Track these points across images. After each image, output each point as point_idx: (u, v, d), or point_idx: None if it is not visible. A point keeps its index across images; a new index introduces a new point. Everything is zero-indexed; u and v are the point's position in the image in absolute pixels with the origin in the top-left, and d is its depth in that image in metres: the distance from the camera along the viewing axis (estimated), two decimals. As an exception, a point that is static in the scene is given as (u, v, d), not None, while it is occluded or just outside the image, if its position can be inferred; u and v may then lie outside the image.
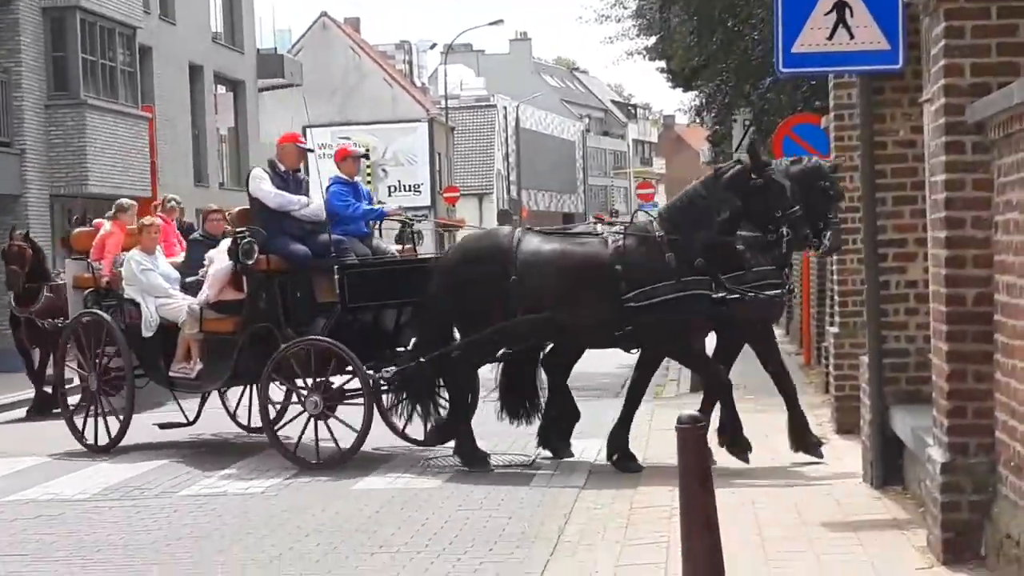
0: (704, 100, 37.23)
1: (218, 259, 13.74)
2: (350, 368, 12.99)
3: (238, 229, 13.36)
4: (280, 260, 13.24)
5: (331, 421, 12.95)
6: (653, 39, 32.81)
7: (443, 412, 13.11)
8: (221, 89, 40.20)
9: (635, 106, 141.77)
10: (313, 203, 13.57)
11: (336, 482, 12.02)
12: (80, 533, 10.32)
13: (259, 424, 14.11)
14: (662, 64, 37.05)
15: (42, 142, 28.39)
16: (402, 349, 13.39)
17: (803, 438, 11.91)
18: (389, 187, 70.75)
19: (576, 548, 8.80)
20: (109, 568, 9.16)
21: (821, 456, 11.73)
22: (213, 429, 15.68)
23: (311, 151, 14.59)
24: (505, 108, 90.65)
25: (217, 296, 13.69)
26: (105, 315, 14.55)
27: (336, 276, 13.06)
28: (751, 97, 29.43)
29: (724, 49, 26.82)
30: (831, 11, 10.00)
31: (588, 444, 13.40)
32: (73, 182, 28.83)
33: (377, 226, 14.64)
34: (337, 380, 13.45)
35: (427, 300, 12.79)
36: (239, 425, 15.59)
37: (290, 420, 13.39)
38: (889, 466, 9.95)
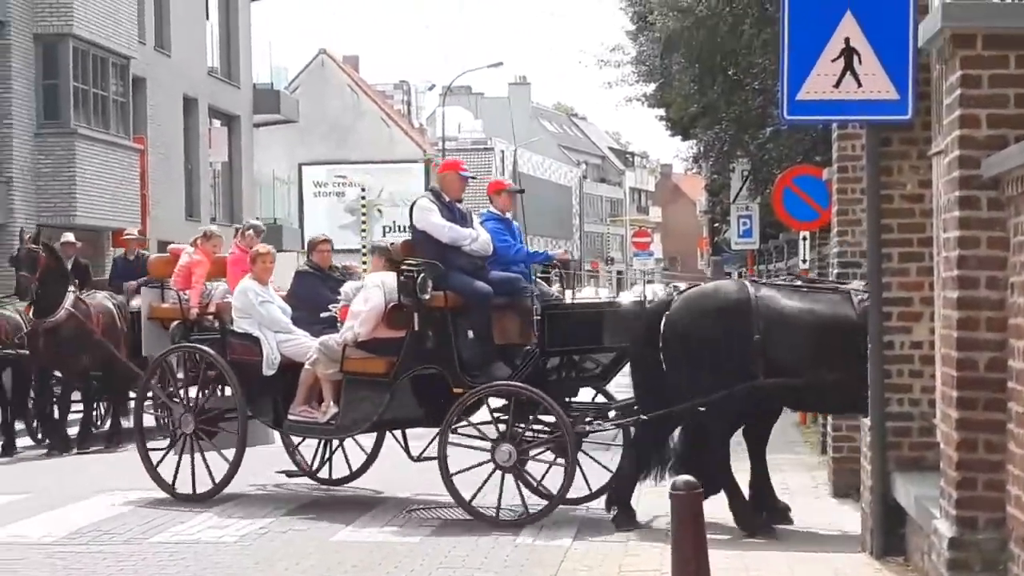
0: (702, 149, 36.98)
1: (372, 294, 12.39)
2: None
3: (408, 262, 12.11)
4: (456, 297, 12.17)
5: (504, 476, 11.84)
6: (653, 86, 32.55)
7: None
8: (216, 123, 39.89)
9: (633, 154, 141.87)
10: (481, 237, 12.44)
11: (314, 533, 11.56)
12: (42, 581, 9.86)
13: (340, 475, 13.76)
14: (661, 112, 36.81)
15: (30, 171, 28.03)
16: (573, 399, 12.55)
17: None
18: (384, 227, 70.44)
19: (560, 614, 8.35)
20: (67, 621, 8.70)
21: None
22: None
23: (473, 178, 13.21)
24: (503, 152, 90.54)
25: (370, 334, 12.41)
26: (209, 350, 13.23)
27: (537, 317, 12.00)
28: (750, 147, 29.17)
29: (724, 98, 26.55)
30: (839, 57, 9.66)
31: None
32: (61, 212, 28.45)
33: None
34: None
35: (641, 352, 11.63)
36: (317, 479, 14.29)
37: (458, 472, 11.93)
38: (890, 535, 9.50)
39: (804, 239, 19.94)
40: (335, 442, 14.00)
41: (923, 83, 9.65)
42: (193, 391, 13.61)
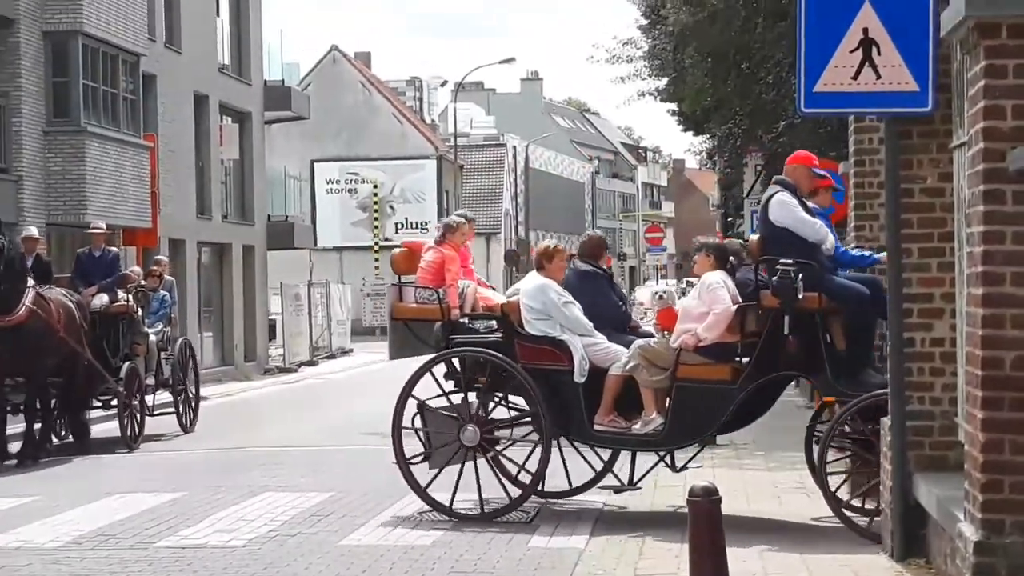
0: (716, 144, 36.77)
1: (719, 295, 11.39)
2: None
3: (784, 261, 11.10)
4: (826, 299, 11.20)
5: None
6: (665, 80, 32.30)
7: None
8: (227, 120, 39.69)
9: (645, 149, 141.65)
10: (829, 237, 11.68)
11: (323, 537, 11.36)
12: (45, 587, 9.68)
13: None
14: (673, 107, 36.58)
15: (40, 169, 27.83)
16: None
17: None
18: (396, 224, 70.29)
19: (574, 620, 8.15)
20: (69, 630, 8.52)
21: None
22: (207, 472, 15.08)
23: (823, 177, 12.32)
24: (515, 147, 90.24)
25: (718, 338, 11.42)
26: (498, 355, 11.95)
27: None
28: (764, 141, 28.95)
29: (738, 92, 26.29)
30: (857, 48, 9.47)
31: (593, 499, 12.80)
32: (71, 211, 28.24)
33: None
34: None
35: None
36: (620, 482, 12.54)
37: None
38: (911, 537, 9.30)
39: (820, 234, 19.70)
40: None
41: (942, 75, 9.44)
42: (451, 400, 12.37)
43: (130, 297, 19.60)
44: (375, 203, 69.14)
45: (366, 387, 32.19)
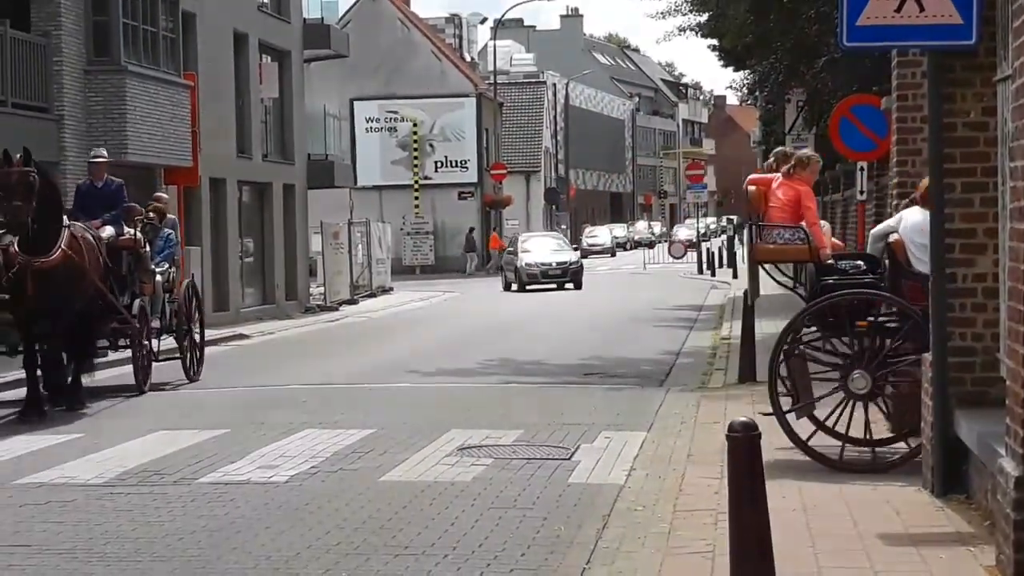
0: (757, 79, 36.49)
1: None
2: None
3: None
4: None
5: None
6: (706, 16, 32.07)
7: None
8: (266, 59, 39.62)
9: (686, 86, 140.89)
10: None
11: (364, 474, 11.41)
12: (90, 523, 9.76)
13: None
14: (714, 42, 36.31)
15: (81, 108, 27.87)
16: None
17: None
18: (436, 162, 70.24)
19: (615, 556, 8.16)
20: (112, 564, 8.58)
21: None
22: (248, 409, 15.16)
23: None
24: (555, 85, 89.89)
25: None
26: (896, 298, 10.93)
27: None
28: (806, 77, 28.72)
29: (779, 27, 26.10)
30: (901, -19, 9.31)
31: (631, 436, 12.82)
32: (112, 150, 28.07)
33: None
34: None
35: None
36: None
37: None
38: (952, 473, 9.27)
39: (861, 170, 19.61)
40: None
41: (987, 7, 9.32)
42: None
43: (137, 231, 18.19)
44: (414, 142, 69.06)
45: (407, 325, 32.30)
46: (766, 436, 6.88)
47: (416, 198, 68.02)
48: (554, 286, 46.62)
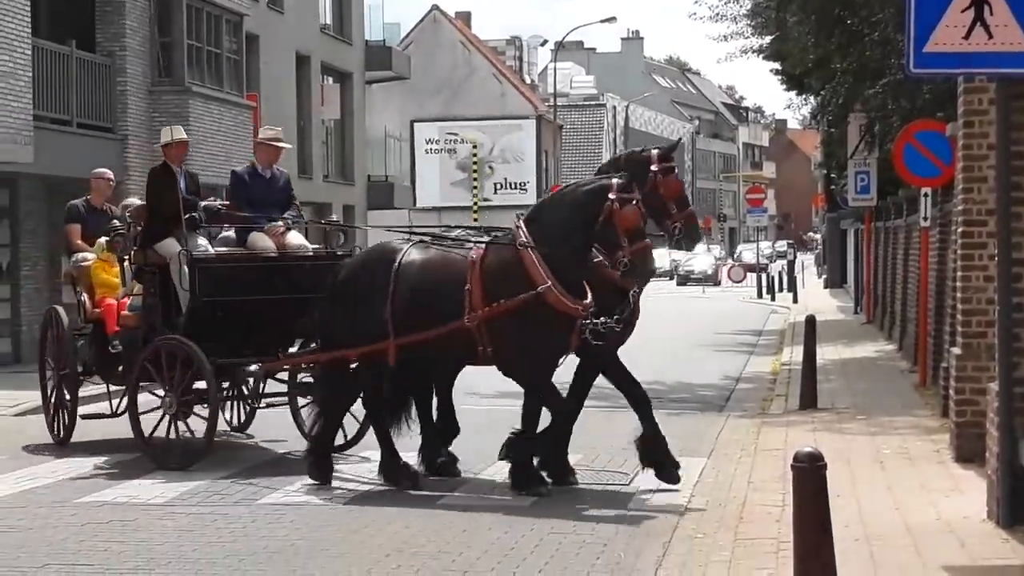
0: (818, 103, 36.33)
1: None
2: None
3: None
4: None
5: None
6: (768, 39, 31.95)
7: None
8: (328, 80, 39.86)
9: (747, 109, 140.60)
10: None
11: (421, 496, 11.40)
12: (152, 542, 9.79)
13: None
14: (776, 65, 36.19)
15: (145, 128, 28.11)
16: None
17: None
18: (495, 184, 70.38)
19: (674, 584, 8.12)
20: (174, 585, 8.62)
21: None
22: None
23: None
24: (615, 107, 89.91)
25: None
26: None
27: None
28: (868, 100, 28.53)
29: (841, 50, 25.95)
30: (968, 8, 9.25)
31: (691, 462, 12.74)
32: (175, 170, 28.52)
33: None
34: None
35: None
36: None
37: None
38: (1019, 504, 9.16)
39: (925, 196, 19.43)
40: None
41: (1056, 34, 9.23)
42: None
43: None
44: (474, 163, 69.23)
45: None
46: (829, 464, 6.80)
47: (475, 219, 68.17)
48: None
